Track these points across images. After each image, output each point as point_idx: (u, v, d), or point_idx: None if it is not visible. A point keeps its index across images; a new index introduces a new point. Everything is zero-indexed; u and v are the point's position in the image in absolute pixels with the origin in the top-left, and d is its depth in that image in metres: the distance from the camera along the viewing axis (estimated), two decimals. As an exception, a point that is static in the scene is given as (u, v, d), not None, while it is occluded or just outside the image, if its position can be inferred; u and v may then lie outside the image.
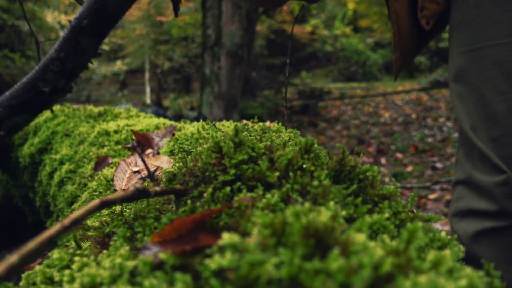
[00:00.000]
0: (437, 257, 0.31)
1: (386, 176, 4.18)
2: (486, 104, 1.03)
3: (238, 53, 4.84)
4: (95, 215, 0.74)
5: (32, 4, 7.04)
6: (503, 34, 0.99)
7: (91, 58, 0.81)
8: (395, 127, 6.61)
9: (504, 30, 0.99)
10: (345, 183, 0.49)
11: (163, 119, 1.44)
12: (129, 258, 0.39)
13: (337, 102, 9.41)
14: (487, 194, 1.10)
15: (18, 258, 0.30)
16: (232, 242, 0.32)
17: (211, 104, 4.91)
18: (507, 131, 1.01)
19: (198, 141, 0.77)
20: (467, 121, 1.12)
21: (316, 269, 0.28)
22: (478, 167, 1.14)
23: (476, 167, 1.15)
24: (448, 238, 0.45)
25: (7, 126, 0.82)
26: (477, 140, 1.09)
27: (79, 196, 1.07)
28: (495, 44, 1.01)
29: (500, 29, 0.99)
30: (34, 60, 6.46)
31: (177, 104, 9.51)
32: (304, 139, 0.52)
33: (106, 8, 0.72)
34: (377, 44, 15.25)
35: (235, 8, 4.80)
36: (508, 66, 0.99)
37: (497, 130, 1.02)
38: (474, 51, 1.05)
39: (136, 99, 13.06)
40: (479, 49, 1.04)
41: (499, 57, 1.00)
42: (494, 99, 1.02)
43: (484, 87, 1.03)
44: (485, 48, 1.02)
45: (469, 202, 1.15)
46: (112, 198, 0.40)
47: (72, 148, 1.33)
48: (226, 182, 0.49)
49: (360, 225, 0.35)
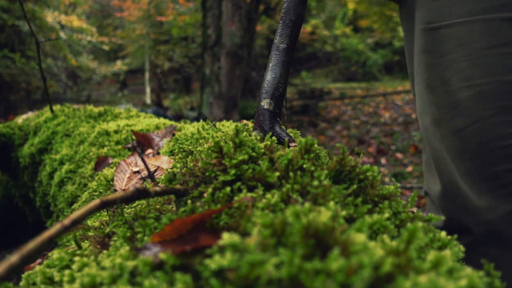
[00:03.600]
0: (437, 257, 0.31)
1: (386, 176, 4.18)
2: (451, 91, 0.91)
3: (238, 53, 4.84)
4: (95, 215, 0.74)
5: (32, 4, 7.04)
6: (466, 11, 0.87)
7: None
8: (395, 127, 6.61)
9: (469, 7, 0.87)
10: (345, 183, 0.49)
11: (163, 119, 1.44)
12: (129, 258, 0.39)
13: (337, 102, 9.41)
14: (438, 207, 1.04)
15: (18, 258, 0.30)
16: (232, 242, 0.32)
17: (211, 104, 4.91)
18: (472, 122, 0.89)
19: (198, 141, 0.77)
20: (428, 114, 1.00)
21: (316, 269, 0.28)
22: (430, 177, 1.06)
23: (428, 177, 1.08)
24: (448, 238, 0.45)
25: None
26: (435, 139, 0.99)
27: (79, 196, 1.07)
28: (458, 22, 0.88)
29: (464, 5, 0.87)
30: (34, 60, 6.47)
31: (177, 104, 9.51)
32: (304, 139, 0.52)
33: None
34: (377, 44, 15.24)
35: (235, 8, 4.80)
36: (473, 48, 0.87)
37: (461, 120, 0.91)
38: (436, 29, 0.93)
39: (136, 99, 13.06)
40: (442, 28, 0.91)
41: (462, 37, 0.88)
42: (458, 85, 0.90)
43: (448, 71, 0.91)
44: (447, 27, 0.90)
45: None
46: (112, 198, 0.40)
47: (72, 148, 1.33)
48: (226, 182, 0.49)
49: (360, 225, 0.35)
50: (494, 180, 0.90)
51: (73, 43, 9.55)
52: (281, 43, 0.70)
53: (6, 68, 6.25)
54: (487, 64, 0.86)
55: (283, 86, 0.68)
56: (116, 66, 12.93)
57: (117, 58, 15.31)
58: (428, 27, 0.95)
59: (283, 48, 0.69)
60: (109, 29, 15.50)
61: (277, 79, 0.67)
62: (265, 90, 0.67)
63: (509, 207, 0.90)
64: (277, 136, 0.63)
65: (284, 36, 0.70)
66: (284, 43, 0.70)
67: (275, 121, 0.65)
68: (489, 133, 0.88)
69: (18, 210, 1.92)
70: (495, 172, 0.90)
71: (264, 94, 0.67)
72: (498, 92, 0.85)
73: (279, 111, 0.67)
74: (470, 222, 0.95)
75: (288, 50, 0.70)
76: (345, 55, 14.21)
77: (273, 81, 0.67)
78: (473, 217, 0.94)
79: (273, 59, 0.69)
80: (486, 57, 0.85)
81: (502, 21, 0.83)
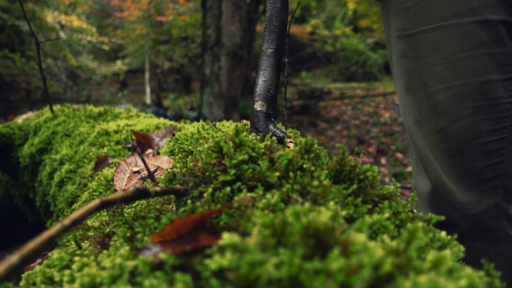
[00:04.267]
0: (437, 257, 0.31)
1: (386, 176, 4.17)
2: (430, 94, 0.96)
3: (238, 53, 4.84)
4: (95, 215, 0.74)
5: (32, 4, 7.04)
6: (438, 17, 0.91)
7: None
8: (395, 127, 6.60)
9: (441, 12, 0.91)
10: (345, 183, 0.49)
11: (163, 119, 1.44)
12: (129, 258, 0.39)
13: (337, 102, 9.41)
14: (426, 204, 1.07)
15: (18, 258, 0.30)
16: (232, 242, 0.32)
17: (211, 104, 4.91)
18: (451, 122, 0.94)
19: (198, 141, 0.77)
20: (410, 115, 1.04)
21: (316, 269, 0.28)
22: (418, 175, 1.10)
23: (416, 175, 1.11)
24: (448, 238, 0.45)
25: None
26: (418, 139, 1.03)
27: (79, 196, 1.07)
28: (431, 28, 0.93)
29: (435, 12, 0.92)
30: (34, 60, 6.47)
31: (177, 104, 9.51)
32: (304, 139, 0.52)
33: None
34: (377, 44, 15.24)
35: (235, 8, 4.80)
36: (447, 52, 0.92)
37: (441, 120, 0.96)
38: (412, 36, 0.97)
39: (136, 99, 13.06)
40: (417, 34, 0.96)
41: (437, 42, 0.92)
42: (436, 87, 0.95)
43: (425, 75, 0.96)
44: (422, 33, 0.95)
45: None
46: (112, 198, 0.40)
47: (72, 148, 1.33)
48: (226, 182, 0.49)
49: (360, 225, 0.35)
50: (476, 176, 0.95)
51: (73, 43, 9.55)
52: (268, 48, 0.74)
53: (6, 68, 6.25)
54: (462, 66, 0.90)
55: (274, 88, 0.72)
56: (116, 66, 12.93)
57: (117, 58, 15.31)
58: (404, 34, 0.99)
59: (270, 53, 0.74)
60: (109, 29, 15.50)
61: (268, 82, 0.71)
62: (257, 93, 0.71)
63: (492, 201, 0.94)
64: (273, 134, 0.65)
65: (270, 42, 0.75)
66: (271, 48, 0.74)
67: (269, 121, 0.68)
68: (468, 132, 0.93)
69: (18, 210, 1.92)
70: (476, 169, 0.94)
71: (256, 97, 0.70)
72: (474, 92, 0.90)
73: (273, 112, 0.70)
74: (456, 217, 0.99)
75: (276, 54, 0.74)
76: (345, 55, 14.20)
77: (264, 84, 0.71)
78: (459, 212, 0.98)
79: (263, 64, 0.74)
80: (460, 60, 0.90)
81: (472, 24, 0.88)
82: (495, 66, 0.89)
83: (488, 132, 0.92)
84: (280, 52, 0.75)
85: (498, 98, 0.91)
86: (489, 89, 0.90)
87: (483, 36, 0.88)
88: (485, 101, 0.91)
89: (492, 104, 0.91)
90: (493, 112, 0.91)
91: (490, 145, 0.92)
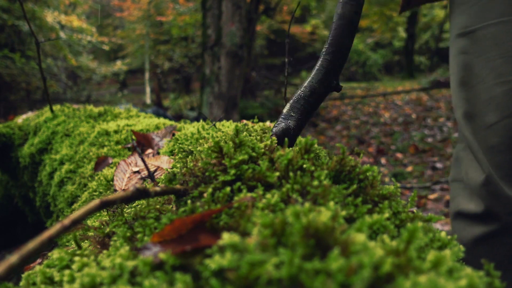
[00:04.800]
0: (437, 257, 0.31)
1: (386, 176, 4.17)
2: (486, 88, 0.97)
3: (238, 53, 4.84)
4: (95, 215, 0.74)
5: (32, 4, 7.04)
6: (499, 13, 0.94)
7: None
8: (395, 127, 6.60)
9: (500, 8, 0.94)
10: (345, 183, 0.49)
11: (163, 119, 1.44)
12: (129, 258, 0.39)
13: (337, 102, 9.41)
14: (475, 194, 1.08)
15: (18, 258, 0.30)
16: (232, 242, 0.32)
17: (211, 104, 4.91)
18: (503, 117, 0.95)
19: (198, 141, 0.77)
20: (460, 108, 1.06)
21: (316, 269, 0.28)
22: (468, 164, 1.11)
23: (467, 164, 1.12)
24: (448, 238, 0.45)
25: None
26: (466, 131, 1.05)
27: (79, 196, 1.07)
28: (492, 24, 0.95)
29: (497, 8, 0.94)
30: (34, 60, 6.47)
31: (177, 104, 9.51)
32: (304, 139, 0.52)
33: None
34: (377, 44, 15.24)
35: (235, 8, 4.80)
36: (507, 46, 0.93)
37: (494, 115, 0.96)
38: (473, 32, 1.00)
39: (136, 99, 13.06)
40: (478, 30, 0.98)
41: (497, 37, 0.94)
42: (493, 81, 0.95)
43: (484, 69, 0.98)
44: (483, 29, 0.97)
45: (459, 203, 1.12)
46: (112, 198, 0.40)
47: (72, 148, 1.33)
48: (226, 182, 0.49)
49: (360, 225, 0.35)
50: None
51: (73, 43, 9.56)
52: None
53: (6, 68, 6.25)
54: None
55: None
56: (116, 66, 12.94)
57: (117, 58, 15.31)
58: (465, 31, 1.02)
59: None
60: (109, 29, 15.49)
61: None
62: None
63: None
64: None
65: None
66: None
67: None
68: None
69: (18, 210, 1.92)
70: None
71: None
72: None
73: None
74: (500, 211, 1.00)
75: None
76: (345, 55, 14.17)
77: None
78: (504, 206, 0.98)
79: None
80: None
81: None
82: None
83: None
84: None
85: None
86: None
87: None
88: None
89: None
90: None
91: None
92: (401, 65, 15.66)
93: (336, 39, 0.66)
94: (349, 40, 0.67)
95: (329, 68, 0.66)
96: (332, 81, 0.67)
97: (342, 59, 0.67)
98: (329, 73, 0.67)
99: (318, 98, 0.67)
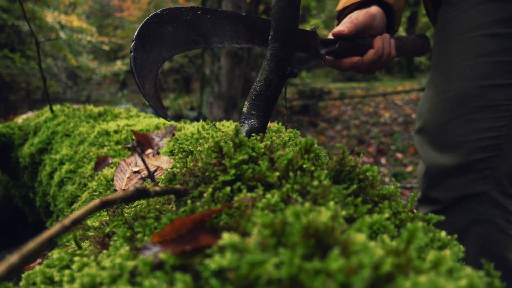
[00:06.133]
0: (437, 257, 0.31)
1: (386, 176, 4.17)
2: (438, 93, 1.16)
3: (238, 53, 4.84)
4: (95, 215, 0.74)
5: (32, 4, 7.04)
6: (457, 32, 1.10)
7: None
8: (395, 127, 6.60)
9: (459, 28, 1.09)
10: (345, 183, 0.49)
11: (163, 119, 1.44)
12: (129, 258, 0.39)
13: (337, 102, 9.41)
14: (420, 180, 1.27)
15: (18, 258, 0.30)
16: (232, 242, 0.32)
17: (211, 104, 4.91)
18: (451, 118, 1.13)
19: (198, 141, 0.77)
20: (426, 103, 1.23)
21: (316, 269, 0.28)
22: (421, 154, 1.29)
23: (420, 153, 1.31)
24: (448, 238, 0.45)
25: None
26: (425, 124, 1.22)
27: (79, 196, 1.07)
28: (451, 41, 1.12)
29: (458, 28, 1.10)
30: (34, 60, 6.47)
31: (177, 104, 9.51)
32: (304, 139, 0.52)
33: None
34: (377, 44, 15.20)
35: (235, 8, 4.80)
36: (457, 60, 1.10)
37: (444, 115, 1.13)
38: (442, 48, 1.16)
39: (136, 99, 13.05)
40: (443, 46, 1.15)
41: (452, 52, 1.11)
42: (444, 88, 1.15)
43: (438, 78, 1.17)
44: (446, 45, 1.14)
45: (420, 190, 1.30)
46: (112, 198, 0.40)
47: (72, 148, 1.33)
48: (226, 182, 0.49)
49: (360, 225, 0.35)
50: (470, 166, 1.09)
51: (73, 43, 9.56)
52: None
53: (6, 68, 6.25)
54: (466, 72, 1.07)
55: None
56: (116, 66, 12.93)
57: (117, 58, 15.30)
58: (440, 44, 1.18)
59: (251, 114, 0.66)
60: (109, 29, 15.49)
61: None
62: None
63: (479, 189, 1.09)
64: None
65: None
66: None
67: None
68: (467, 127, 1.08)
69: (18, 210, 1.92)
70: (472, 160, 1.08)
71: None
72: (474, 94, 1.06)
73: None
74: (441, 196, 1.17)
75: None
76: (345, 55, 14.17)
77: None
78: (445, 191, 1.15)
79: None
80: (466, 67, 1.07)
81: (482, 36, 1.05)
82: (496, 72, 1.04)
83: (486, 129, 1.05)
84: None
85: (497, 100, 1.05)
86: (489, 92, 1.05)
87: (490, 47, 1.03)
88: (484, 101, 1.05)
89: (491, 105, 1.05)
90: (491, 112, 1.05)
91: (487, 141, 1.06)
92: (401, 65, 15.66)
93: (280, 23, 0.63)
94: (294, 22, 0.64)
95: (280, 56, 0.64)
96: (286, 68, 0.65)
97: (291, 43, 0.65)
98: (281, 61, 0.64)
99: (275, 90, 0.65)
